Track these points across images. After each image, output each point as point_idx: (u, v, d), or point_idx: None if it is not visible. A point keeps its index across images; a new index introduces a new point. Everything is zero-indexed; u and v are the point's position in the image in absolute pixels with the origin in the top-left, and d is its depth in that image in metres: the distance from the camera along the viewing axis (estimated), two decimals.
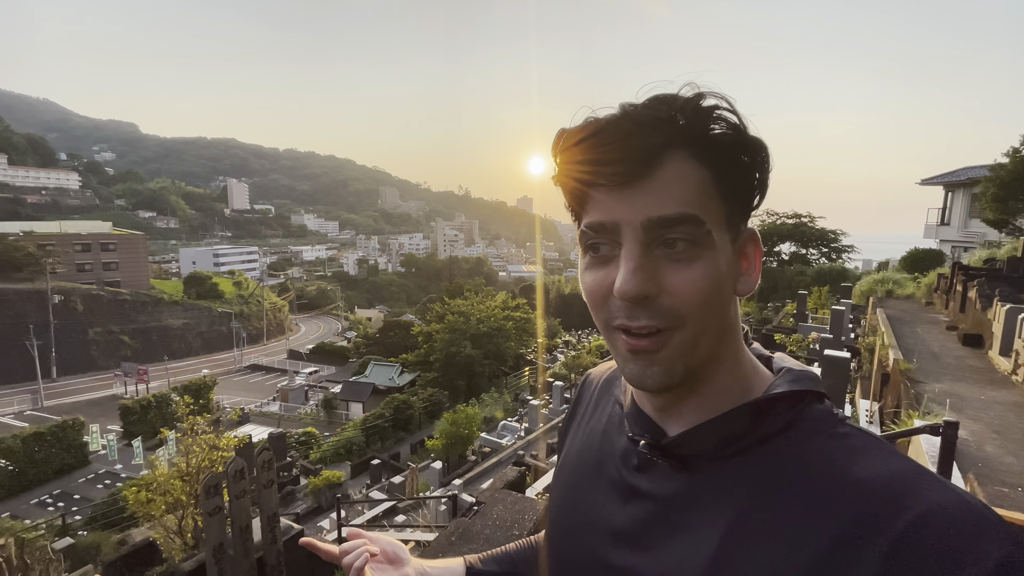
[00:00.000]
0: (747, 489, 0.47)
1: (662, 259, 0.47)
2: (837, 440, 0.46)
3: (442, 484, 10.65)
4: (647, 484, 0.53)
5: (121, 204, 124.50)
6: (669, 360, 0.48)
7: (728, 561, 0.45)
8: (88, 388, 34.67)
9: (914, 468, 0.43)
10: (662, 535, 0.50)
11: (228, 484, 2.33)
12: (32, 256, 38.75)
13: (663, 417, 0.53)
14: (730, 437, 0.49)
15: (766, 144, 0.48)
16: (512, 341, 29.74)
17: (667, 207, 0.45)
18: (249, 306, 54.28)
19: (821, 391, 0.50)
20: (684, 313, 0.46)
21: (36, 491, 18.59)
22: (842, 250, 33.16)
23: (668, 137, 0.46)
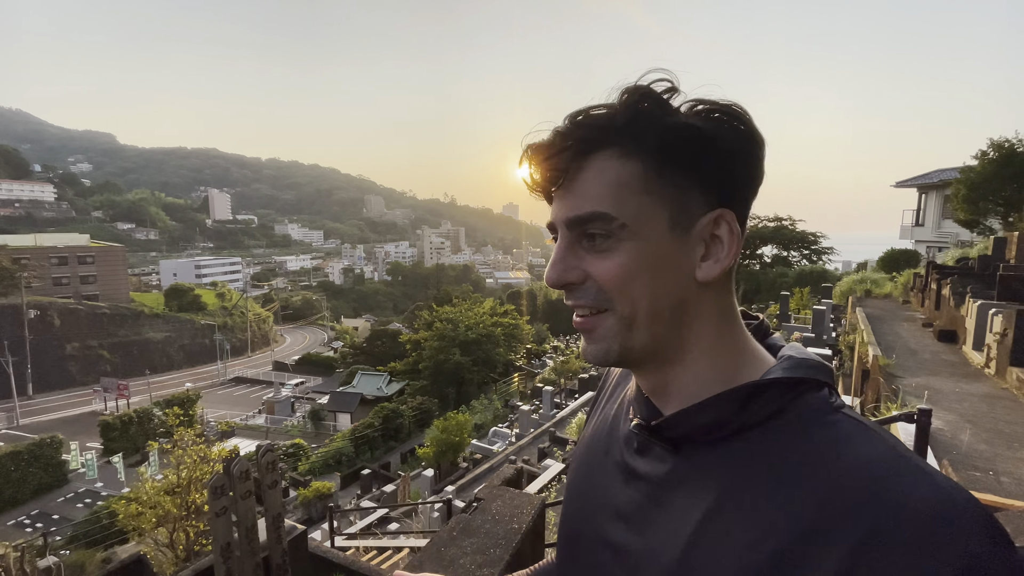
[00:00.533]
0: (731, 472, 0.48)
1: (586, 251, 0.51)
2: (825, 428, 0.46)
3: (434, 491, 10.62)
4: (644, 466, 0.55)
5: (99, 216, 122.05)
6: (603, 339, 0.52)
7: (704, 540, 0.46)
8: (66, 405, 33.89)
9: (894, 454, 0.43)
10: (652, 514, 0.52)
11: (233, 485, 2.36)
12: (6, 270, 37.82)
13: (657, 400, 0.56)
14: (717, 421, 0.50)
15: (701, 129, 0.49)
16: (501, 347, 29.79)
17: (581, 207, 0.50)
18: (233, 318, 53.51)
19: (822, 379, 0.50)
20: (609, 296, 0.51)
21: (13, 512, 18.13)
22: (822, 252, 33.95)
23: (593, 141, 0.50)
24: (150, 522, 5.48)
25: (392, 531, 7.35)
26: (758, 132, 0.52)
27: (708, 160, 0.50)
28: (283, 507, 2.66)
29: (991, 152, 12.01)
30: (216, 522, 2.23)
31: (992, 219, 12.80)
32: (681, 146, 0.49)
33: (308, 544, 2.91)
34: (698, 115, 0.51)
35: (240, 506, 2.32)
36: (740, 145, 0.50)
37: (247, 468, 2.37)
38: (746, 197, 0.52)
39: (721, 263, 0.51)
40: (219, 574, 2.23)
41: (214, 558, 2.23)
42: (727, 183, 0.51)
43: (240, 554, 2.29)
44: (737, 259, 0.53)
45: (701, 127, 0.49)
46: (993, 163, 11.83)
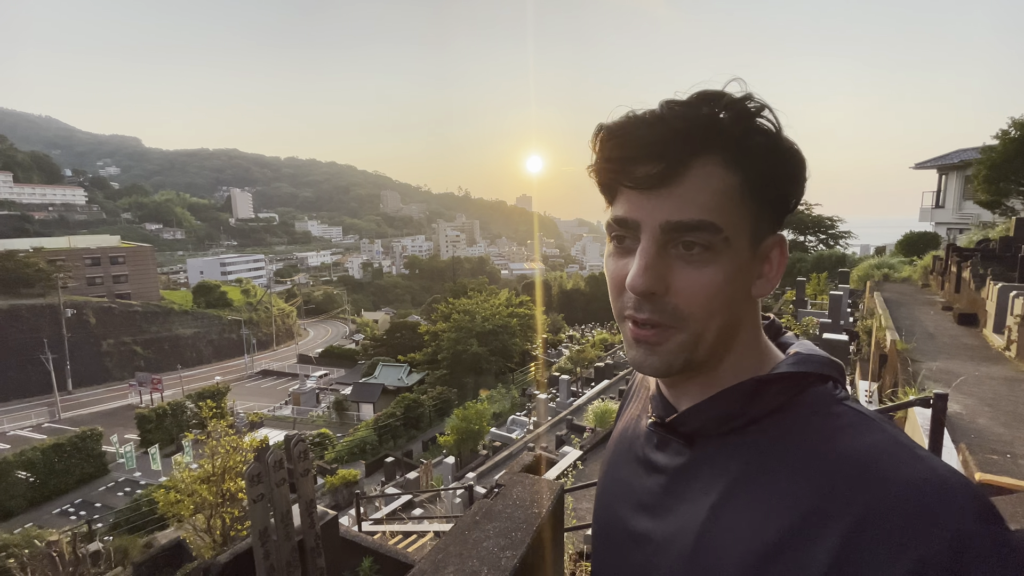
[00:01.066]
0: (739, 464, 0.50)
1: (676, 259, 0.50)
2: (828, 418, 0.48)
3: (455, 478, 10.88)
4: (663, 459, 0.59)
5: (128, 217, 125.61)
6: (668, 353, 0.52)
7: (715, 526, 0.49)
8: (104, 399, 35.21)
9: (890, 441, 0.44)
10: (669, 505, 0.56)
11: (269, 473, 2.54)
12: (43, 272, 39.35)
13: (674, 396, 0.59)
14: (725, 415, 0.52)
15: (802, 154, 0.50)
16: (517, 337, 29.97)
17: (687, 213, 0.48)
18: (258, 313, 54.82)
19: (828, 373, 0.52)
20: (687, 314, 0.50)
21: (58, 501, 18.97)
22: (840, 236, 33.20)
23: (701, 142, 0.48)
24: (188, 509, 5.80)
25: (416, 516, 7.61)
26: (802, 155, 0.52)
27: (793, 185, 0.51)
28: (315, 494, 2.84)
29: (1013, 131, 11.60)
30: (254, 508, 2.41)
31: (1014, 200, 12.39)
32: (781, 168, 0.50)
33: (339, 529, 3.08)
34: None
35: (276, 493, 2.49)
36: (802, 169, 0.51)
37: (281, 457, 2.55)
38: (785, 220, 0.54)
39: (771, 283, 0.53)
40: (258, 557, 2.41)
41: (253, 542, 2.41)
42: (788, 207, 0.52)
43: (277, 538, 2.46)
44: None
45: (798, 151, 0.50)
46: (1015, 142, 11.43)
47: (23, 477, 18.12)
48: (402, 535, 6.25)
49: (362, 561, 3.05)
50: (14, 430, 28.88)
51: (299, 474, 2.67)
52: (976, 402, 4.41)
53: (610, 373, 19.59)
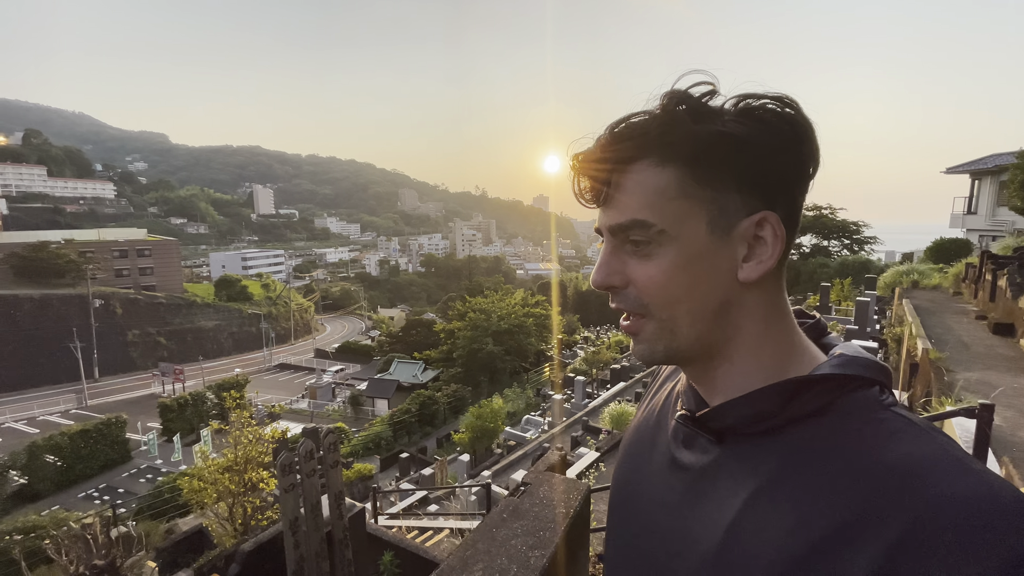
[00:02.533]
0: (773, 465, 0.48)
1: (629, 256, 0.54)
2: (872, 424, 0.46)
3: (470, 476, 10.91)
4: (688, 456, 0.57)
5: (154, 211, 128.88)
6: (647, 340, 0.55)
7: (742, 528, 0.47)
8: (128, 387, 36.18)
9: (941, 451, 0.42)
10: (694, 502, 0.54)
11: (300, 464, 2.55)
12: (73, 263, 40.56)
13: (705, 393, 0.58)
14: (760, 414, 0.51)
15: (740, 135, 0.49)
16: (532, 337, 29.92)
17: (621, 216, 0.53)
18: (277, 307, 55.73)
19: (874, 377, 0.50)
20: (647, 303, 0.54)
21: (83, 485, 19.52)
22: (864, 241, 32.48)
23: (631, 153, 0.52)
24: (211, 497, 5.91)
25: (432, 512, 7.65)
26: (803, 124, 0.50)
27: (742, 163, 0.50)
28: (344, 486, 2.86)
29: None
30: (285, 498, 2.41)
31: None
32: (712, 152, 0.50)
33: (365, 522, 3.09)
34: (738, 116, 0.50)
35: (306, 483, 2.51)
36: (778, 142, 0.50)
37: (312, 448, 2.56)
38: (792, 195, 0.52)
39: (764, 264, 0.52)
40: (288, 547, 2.42)
41: (284, 531, 2.42)
42: (768, 184, 0.51)
43: (306, 528, 2.47)
44: (785, 258, 0.53)
45: (732, 132, 0.49)
46: None
47: (51, 461, 18.66)
48: (418, 530, 6.29)
49: (383, 555, 3.06)
50: (43, 415, 29.85)
51: (329, 465, 2.68)
52: (1016, 414, 4.25)
53: (626, 375, 19.43)
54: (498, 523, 1.94)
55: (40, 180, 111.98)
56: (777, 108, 0.50)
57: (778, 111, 0.50)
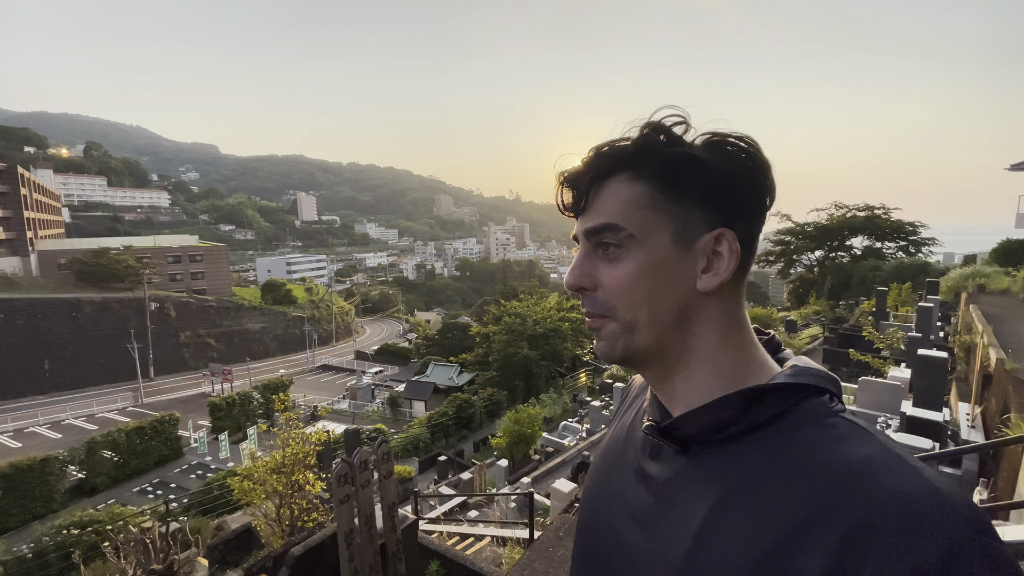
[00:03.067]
0: (734, 472, 0.52)
1: (599, 260, 0.59)
2: (823, 429, 0.50)
3: (508, 482, 10.85)
4: (655, 468, 0.60)
5: (205, 219, 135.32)
6: (607, 339, 0.59)
7: (709, 534, 0.50)
8: (180, 387, 37.86)
9: (885, 452, 0.46)
10: (661, 513, 0.57)
11: (355, 474, 2.54)
12: (131, 268, 42.92)
13: (667, 402, 0.62)
14: (720, 422, 0.54)
15: (704, 158, 0.56)
16: (568, 342, 29.63)
17: (595, 220, 0.58)
18: (319, 310, 57.41)
19: (824, 386, 0.54)
20: (612, 304, 0.58)
21: (138, 480, 20.40)
22: (922, 243, 30.68)
23: (608, 168, 0.58)
24: (260, 497, 6.07)
25: (472, 518, 7.63)
26: (761, 158, 0.57)
27: (704, 183, 0.56)
28: (397, 496, 2.84)
29: None
30: (340, 509, 2.40)
31: None
32: (679, 170, 0.56)
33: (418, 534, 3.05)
34: (705, 145, 0.57)
35: (360, 494, 2.49)
36: (738, 170, 0.56)
37: (367, 457, 2.55)
38: (748, 218, 0.58)
39: (720, 276, 0.57)
40: (343, 559, 2.40)
41: (339, 544, 2.40)
42: (727, 205, 0.57)
43: (360, 541, 2.46)
44: (743, 273, 0.59)
45: (697, 155, 0.56)
46: None
47: (108, 456, 19.63)
48: (459, 536, 6.27)
49: (429, 564, 3.04)
50: (102, 412, 31.57)
51: (383, 476, 2.67)
52: None
53: None
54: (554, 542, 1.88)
55: (101, 190, 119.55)
56: (741, 142, 0.57)
57: (740, 145, 0.57)
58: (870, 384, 7.46)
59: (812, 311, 25.74)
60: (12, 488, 15.71)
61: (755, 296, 47.42)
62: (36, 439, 26.36)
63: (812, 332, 18.51)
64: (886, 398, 7.21)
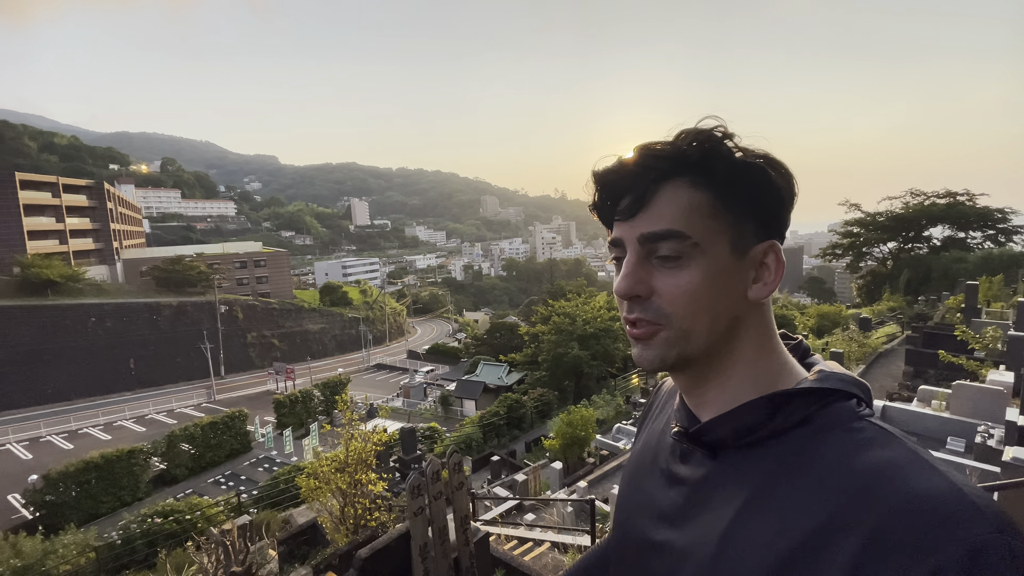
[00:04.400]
0: (760, 476, 0.53)
1: (656, 267, 0.58)
2: (849, 432, 0.51)
3: (563, 485, 10.69)
4: (685, 471, 0.62)
5: (267, 226, 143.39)
6: (659, 347, 0.58)
7: (734, 536, 0.52)
8: (248, 384, 40.15)
9: (910, 454, 0.47)
10: (691, 514, 0.58)
11: (427, 486, 2.49)
12: (203, 274, 46.03)
13: (696, 407, 0.62)
14: (748, 426, 0.56)
15: (764, 168, 0.57)
16: (620, 342, 29.00)
17: (656, 225, 0.57)
18: (373, 311, 59.38)
19: (852, 391, 0.55)
20: (668, 312, 0.57)
21: (212, 472, 21.73)
22: (1012, 232, 27.84)
23: (667, 171, 0.57)
24: (326, 496, 6.24)
25: (529, 522, 7.55)
26: (794, 184, 0.59)
27: (763, 196, 0.57)
28: (470, 509, 2.78)
29: None
30: (415, 522, 2.35)
31: None
32: (745, 181, 0.56)
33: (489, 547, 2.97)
34: (764, 158, 0.58)
35: (434, 506, 2.44)
36: (787, 188, 0.58)
37: (438, 469, 2.50)
38: (783, 234, 0.59)
39: (769, 287, 0.58)
40: (417, 573, 2.37)
41: (412, 557, 2.36)
42: (775, 219, 0.58)
43: (435, 555, 2.41)
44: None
45: (764, 167, 0.57)
46: None
47: (186, 449, 21.07)
48: (517, 540, 6.20)
49: (494, 572, 2.97)
50: (180, 408, 33.94)
51: (454, 487, 2.61)
52: None
53: None
54: None
55: (175, 202, 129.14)
56: (779, 161, 0.59)
57: (779, 162, 0.58)
58: (967, 389, 6.76)
59: (887, 307, 23.91)
60: (103, 477, 17.12)
61: (821, 292, 44.65)
62: (123, 432, 28.68)
63: (889, 330, 17.13)
64: (986, 404, 6.51)
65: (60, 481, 16.12)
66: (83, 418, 31.04)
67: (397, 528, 3.14)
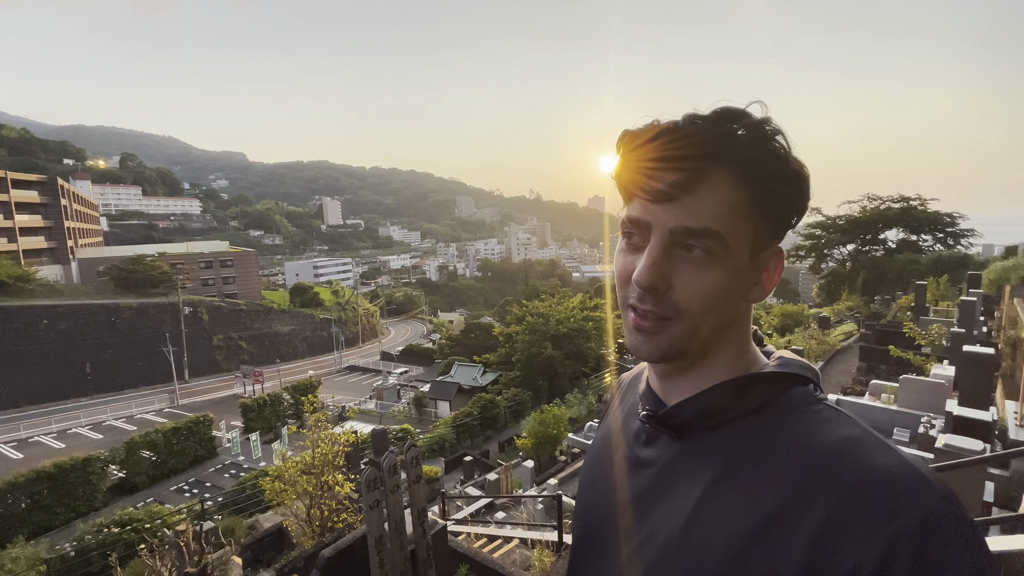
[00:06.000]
0: (725, 456, 0.55)
1: (680, 260, 0.55)
2: (808, 414, 0.54)
3: (535, 483, 10.80)
4: (651, 454, 0.62)
5: (234, 225, 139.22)
6: (664, 341, 0.57)
7: (699, 518, 0.53)
8: (214, 388, 38.96)
9: (864, 433, 0.50)
10: (655, 498, 0.59)
11: (384, 480, 2.52)
12: (166, 274, 44.41)
13: (665, 392, 0.63)
14: (714, 409, 0.57)
15: (807, 176, 0.55)
16: (592, 342, 29.38)
17: (696, 220, 0.53)
18: (346, 312, 58.39)
19: (808, 376, 0.58)
20: (684, 309, 0.55)
21: (175, 479, 20.98)
22: (960, 235, 29.50)
23: (717, 157, 0.52)
24: (291, 498, 6.17)
25: (499, 520, 7.60)
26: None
27: (796, 203, 0.55)
28: (427, 502, 2.82)
29: None
30: (371, 515, 2.38)
31: None
32: (786, 189, 0.54)
33: (447, 539, 3.02)
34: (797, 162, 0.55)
35: (390, 500, 2.47)
36: (807, 196, 0.56)
37: (395, 463, 2.54)
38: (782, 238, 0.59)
39: (766, 291, 0.59)
40: (373, 565, 2.38)
41: (369, 550, 2.39)
42: (786, 225, 0.57)
43: (391, 547, 2.45)
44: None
45: (805, 176, 0.55)
46: None
47: (147, 456, 20.28)
48: (487, 538, 6.25)
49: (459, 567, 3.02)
50: (140, 413, 32.62)
51: (412, 480, 2.65)
52: None
53: None
54: None
55: (136, 199, 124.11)
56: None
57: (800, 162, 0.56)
58: (912, 383, 7.15)
59: (845, 307, 24.96)
60: (56, 487, 16.32)
61: (785, 293, 46.18)
62: (79, 440, 27.43)
63: (846, 329, 17.92)
64: (929, 397, 6.90)
65: (8, 493, 15.32)
66: (34, 426, 29.53)
67: (361, 528, 3.15)
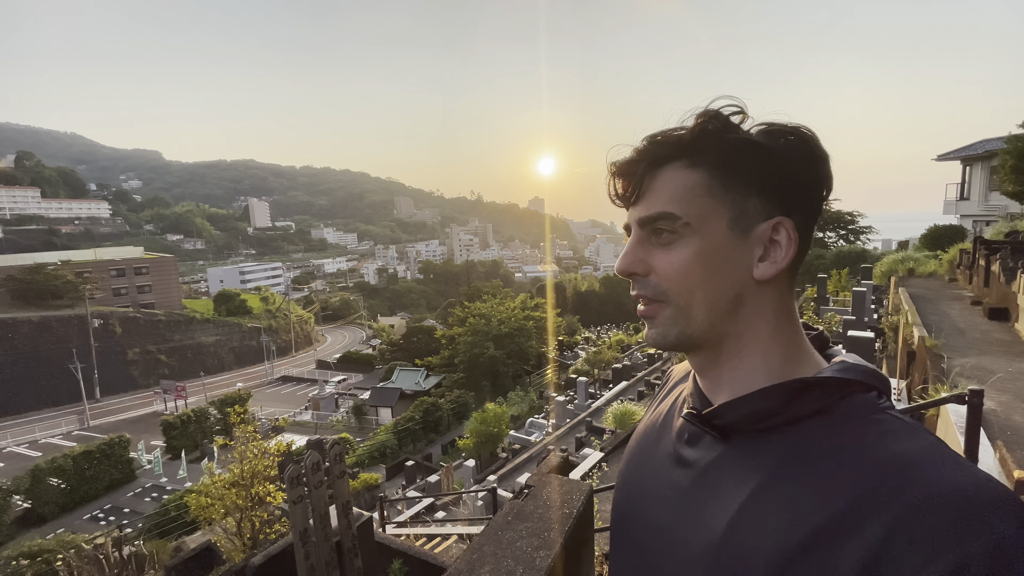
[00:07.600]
0: (774, 462, 0.52)
1: (653, 246, 0.60)
2: (868, 424, 0.50)
3: (476, 481, 10.91)
4: (693, 454, 0.61)
5: (150, 229, 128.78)
6: (662, 325, 0.60)
7: (742, 523, 0.51)
8: (130, 406, 36.08)
9: (932, 447, 0.46)
10: (696, 498, 0.58)
11: (307, 475, 2.58)
12: (71, 284, 40.54)
13: (710, 390, 0.62)
14: (763, 412, 0.54)
15: (761, 145, 0.56)
16: (533, 340, 29.94)
17: (651, 208, 0.58)
18: (277, 320, 55.68)
19: (872, 383, 0.54)
20: (666, 289, 0.59)
21: (88, 507, 19.43)
22: (860, 232, 32.73)
23: (664, 157, 0.58)
24: (219, 513, 5.92)
25: (439, 519, 7.66)
26: (820, 149, 0.57)
27: (764, 171, 0.56)
28: (351, 495, 2.88)
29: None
30: (294, 509, 2.44)
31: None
32: (738, 158, 0.56)
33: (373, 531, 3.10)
34: (764, 134, 0.57)
35: (314, 495, 2.54)
36: (797, 159, 0.56)
37: (318, 459, 2.59)
38: (808, 207, 0.58)
39: (777, 265, 0.57)
40: (299, 558, 2.45)
41: (294, 543, 2.44)
42: (785, 193, 0.57)
43: (316, 539, 2.50)
44: (798, 263, 0.58)
45: (757, 142, 0.56)
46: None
47: (55, 484, 18.58)
48: (426, 537, 6.31)
49: (392, 563, 3.09)
50: (45, 438, 29.74)
51: (336, 476, 2.71)
52: (1012, 399, 4.28)
53: (628, 375, 19.45)
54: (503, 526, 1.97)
55: (34, 202, 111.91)
56: (802, 132, 0.57)
57: (801, 133, 0.57)
58: None
59: None
60: None
61: None
62: None
63: None
64: None
65: None
66: None
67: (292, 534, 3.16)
